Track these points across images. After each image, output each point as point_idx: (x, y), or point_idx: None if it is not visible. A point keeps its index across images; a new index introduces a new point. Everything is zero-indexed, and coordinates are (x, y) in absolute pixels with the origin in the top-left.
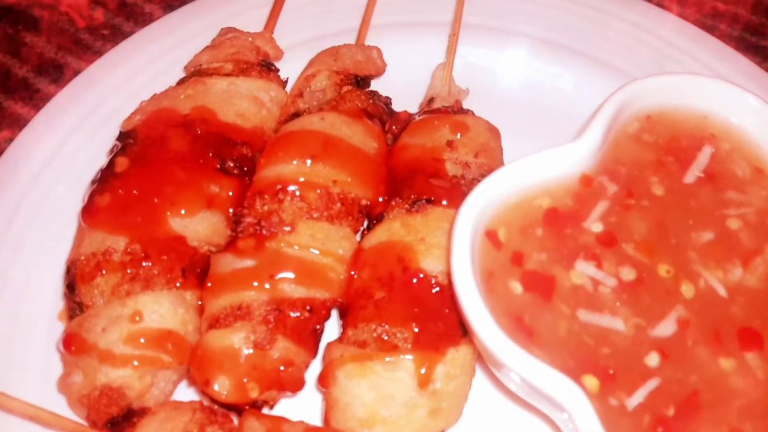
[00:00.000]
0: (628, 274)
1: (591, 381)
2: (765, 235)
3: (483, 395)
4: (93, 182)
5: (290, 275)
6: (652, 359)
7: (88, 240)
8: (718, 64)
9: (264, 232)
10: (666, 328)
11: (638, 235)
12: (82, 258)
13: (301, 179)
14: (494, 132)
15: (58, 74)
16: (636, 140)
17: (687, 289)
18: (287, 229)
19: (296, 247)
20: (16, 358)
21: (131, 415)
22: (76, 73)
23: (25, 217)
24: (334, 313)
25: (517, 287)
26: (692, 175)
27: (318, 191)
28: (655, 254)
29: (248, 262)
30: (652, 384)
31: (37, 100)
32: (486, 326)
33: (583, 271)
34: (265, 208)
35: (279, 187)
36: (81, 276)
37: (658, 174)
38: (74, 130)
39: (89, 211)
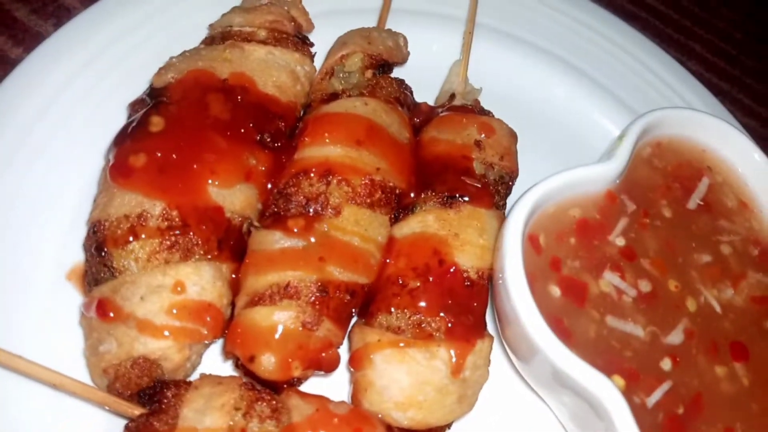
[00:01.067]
0: (646, 286)
1: (618, 380)
2: (748, 262)
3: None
4: (121, 139)
5: (338, 259)
6: (666, 364)
7: (119, 201)
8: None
9: (311, 212)
10: (676, 336)
11: (653, 252)
12: (113, 220)
13: (349, 163)
14: (514, 136)
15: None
16: (648, 164)
17: (691, 304)
18: (332, 212)
19: (343, 233)
20: (14, 317)
21: (163, 387)
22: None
23: (23, 164)
24: None
25: (555, 291)
26: (694, 201)
27: (363, 178)
28: (666, 271)
29: (298, 242)
30: (666, 386)
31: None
32: (536, 321)
33: (610, 280)
34: (313, 188)
35: (327, 169)
36: (112, 239)
37: (667, 198)
38: (80, 69)
39: (122, 171)
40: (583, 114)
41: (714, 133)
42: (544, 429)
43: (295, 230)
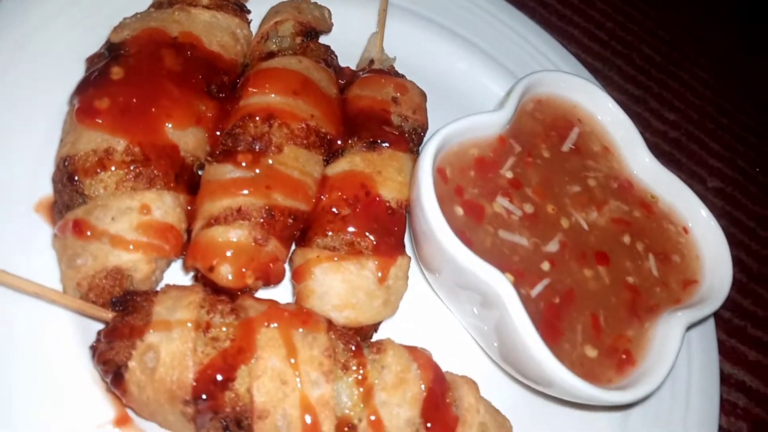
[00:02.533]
0: (529, 208)
1: (509, 277)
2: (609, 192)
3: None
4: (85, 86)
5: (282, 188)
6: (545, 266)
7: (86, 138)
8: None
9: (257, 149)
10: (553, 246)
11: (534, 183)
12: (81, 153)
13: (288, 110)
14: (424, 96)
15: None
16: (531, 116)
17: (564, 222)
18: (274, 149)
19: (285, 166)
20: None
21: (133, 296)
22: None
23: None
24: None
25: (459, 211)
26: (567, 146)
27: (300, 122)
28: (545, 197)
29: (247, 173)
30: (545, 281)
31: None
32: (447, 232)
33: (501, 203)
34: (257, 129)
35: (269, 113)
36: (83, 170)
37: (546, 143)
38: (37, 28)
39: (88, 112)
40: (477, 81)
41: (582, 92)
42: (451, 330)
43: (244, 164)
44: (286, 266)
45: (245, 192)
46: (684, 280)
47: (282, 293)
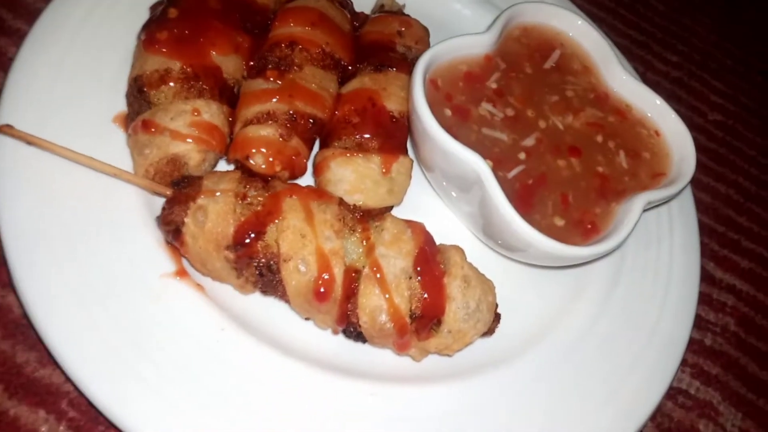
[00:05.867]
0: (510, 112)
1: (489, 162)
2: (586, 102)
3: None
4: (150, 23)
5: (302, 97)
6: (521, 155)
7: (151, 62)
8: None
9: (282, 67)
10: (529, 141)
11: (516, 93)
12: (148, 73)
13: (307, 37)
14: (426, 30)
15: None
16: (517, 41)
17: (542, 123)
18: (296, 68)
19: (304, 81)
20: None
21: (189, 178)
22: None
23: (82, 43)
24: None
25: (448, 112)
26: (548, 64)
27: (317, 48)
28: (525, 104)
29: (274, 85)
30: (521, 167)
31: None
32: (436, 128)
33: (485, 107)
34: (282, 53)
35: (292, 40)
36: (149, 84)
37: (529, 62)
38: None
39: (151, 41)
40: (473, 22)
41: (566, 20)
42: (447, 221)
43: (272, 78)
44: (309, 164)
45: (273, 99)
46: (653, 173)
47: None
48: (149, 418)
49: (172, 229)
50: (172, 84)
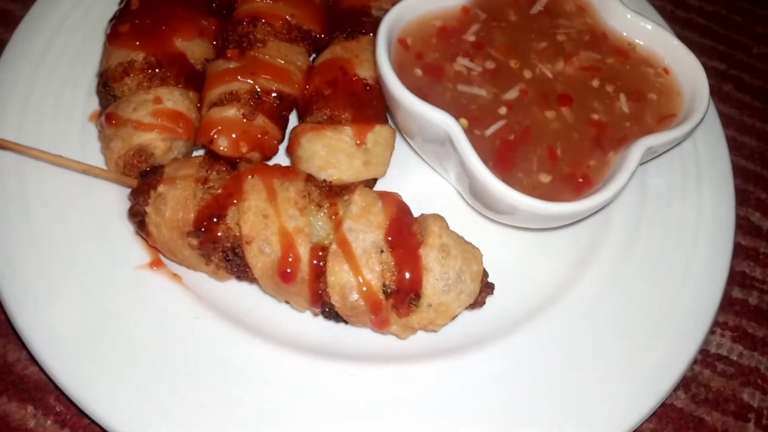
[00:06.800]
0: (490, 64)
1: (463, 121)
2: (581, 45)
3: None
4: (113, 18)
5: (266, 73)
6: (502, 110)
7: (114, 55)
8: None
9: (244, 44)
10: (512, 94)
11: (498, 43)
12: (112, 67)
13: (269, 11)
14: None
15: None
16: None
17: (527, 73)
18: (259, 44)
19: (267, 56)
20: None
21: (157, 168)
22: None
23: (58, 49)
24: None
25: (418, 72)
26: (536, 9)
27: (281, 21)
28: (508, 54)
29: (234, 64)
30: (501, 123)
31: None
32: (400, 89)
33: (461, 63)
34: (244, 30)
35: (253, 16)
36: (113, 78)
37: (514, 9)
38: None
39: (114, 35)
40: None
41: None
42: (441, 191)
43: (230, 55)
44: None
45: (235, 79)
46: (660, 115)
47: None
48: (126, 409)
49: (138, 220)
50: (132, 75)
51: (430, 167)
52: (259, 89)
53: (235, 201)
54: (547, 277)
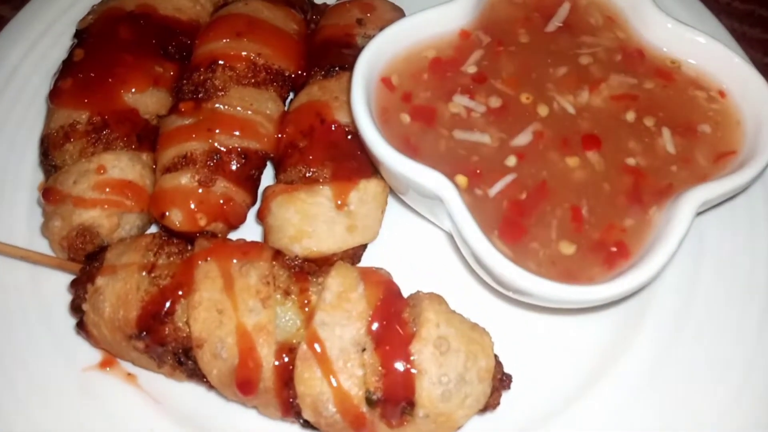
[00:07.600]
0: (495, 102)
1: (461, 179)
2: (611, 67)
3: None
4: (56, 73)
5: (226, 128)
6: (510, 161)
7: (56, 117)
8: None
9: (201, 95)
10: (523, 138)
11: (505, 74)
12: (53, 131)
13: (230, 52)
14: (398, 10)
15: None
16: (508, 2)
17: (542, 110)
18: (220, 93)
19: (228, 107)
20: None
21: (105, 250)
22: None
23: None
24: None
25: (405, 118)
26: (553, 25)
27: (244, 63)
28: (518, 87)
29: (189, 120)
30: (509, 177)
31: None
32: (380, 145)
33: (459, 102)
34: (201, 77)
35: (212, 60)
36: (53, 144)
37: (525, 27)
38: (42, 34)
39: (55, 94)
40: None
41: None
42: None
43: (183, 110)
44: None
45: (189, 138)
46: (717, 153)
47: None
48: None
49: (79, 316)
50: (74, 140)
51: (427, 220)
52: (220, 148)
53: (184, 293)
54: (578, 363)
